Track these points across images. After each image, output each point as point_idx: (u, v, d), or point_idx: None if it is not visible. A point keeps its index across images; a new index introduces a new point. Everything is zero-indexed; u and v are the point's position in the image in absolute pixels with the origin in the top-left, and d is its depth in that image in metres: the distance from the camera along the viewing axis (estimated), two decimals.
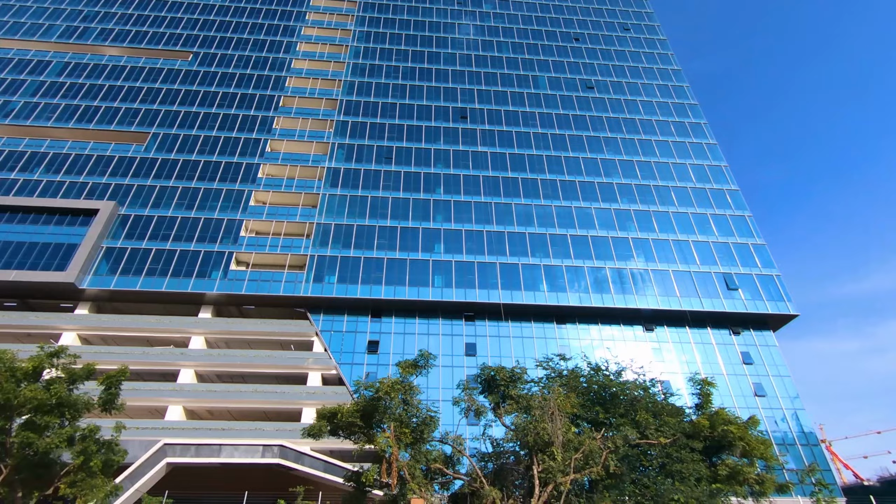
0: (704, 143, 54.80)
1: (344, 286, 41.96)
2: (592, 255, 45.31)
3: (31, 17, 59.79)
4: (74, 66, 55.40)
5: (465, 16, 67.43)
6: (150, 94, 53.71)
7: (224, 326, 40.91)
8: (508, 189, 49.49)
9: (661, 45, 65.61)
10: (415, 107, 55.88)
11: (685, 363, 41.23)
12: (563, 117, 56.08)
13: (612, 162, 52.38)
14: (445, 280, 42.91)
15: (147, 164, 47.92)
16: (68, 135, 49.98)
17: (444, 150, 52.10)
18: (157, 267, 41.45)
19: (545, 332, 42.54)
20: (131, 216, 44.31)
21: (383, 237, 45.30)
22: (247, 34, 61.42)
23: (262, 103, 54.52)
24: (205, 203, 45.89)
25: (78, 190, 45.27)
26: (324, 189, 48.09)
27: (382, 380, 18.95)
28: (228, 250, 43.14)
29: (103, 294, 40.94)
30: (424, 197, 48.21)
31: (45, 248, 41.12)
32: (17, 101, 51.41)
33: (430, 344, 40.57)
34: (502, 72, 60.39)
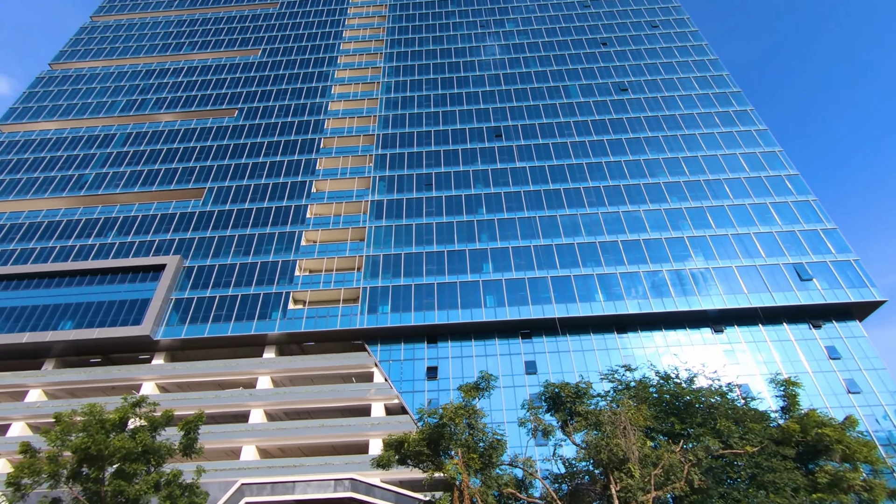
0: (753, 130, 52.25)
1: (398, 314, 42.45)
2: (647, 259, 43.71)
3: (96, 96, 65.97)
4: (136, 135, 60.34)
5: (489, 37, 68.42)
6: (203, 151, 57.51)
7: (287, 365, 42.19)
8: (552, 201, 48.92)
9: (693, 36, 63.80)
10: (449, 132, 56.77)
11: (763, 364, 38.51)
12: (599, 123, 55.24)
13: (657, 161, 50.82)
14: (497, 299, 42.55)
15: (205, 217, 50.98)
16: (135, 198, 54.16)
17: (483, 171, 52.37)
18: (222, 313, 43.59)
19: (606, 343, 41.10)
20: (195, 267, 47.04)
21: (431, 262, 45.69)
22: (284, 85, 64.94)
23: (304, 147, 57.09)
24: (260, 248, 48.12)
25: (146, 248, 48.66)
26: (369, 222, 49.31)
27: (445, 405, 18.83)
28: (285, 290, 44.81)
29: (176, 343, 43.37)
30: (468, 218, 48.42)
31: (122, 304, 44.24)
32: (89, 173, 56.41)
33: (488, 365, 40.09)
34: (532, 86, 60.48)
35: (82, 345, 43.07)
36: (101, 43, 75.14)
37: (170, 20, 78.65)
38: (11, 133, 62.55)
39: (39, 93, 67.54)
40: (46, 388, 42.61)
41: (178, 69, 69.10)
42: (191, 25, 76.96)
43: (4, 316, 44.11)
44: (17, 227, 51.67)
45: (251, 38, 73.02)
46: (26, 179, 56.27)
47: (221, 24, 76.47)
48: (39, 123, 63.30)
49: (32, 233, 50.95)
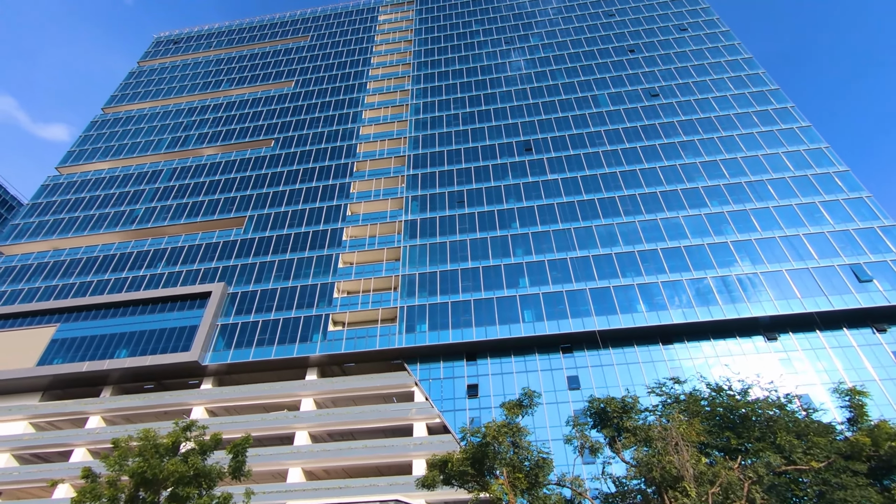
0: (796, 127, 50.16)
1: (436, 333, 42.43)
2: (689, 266, 42.24)
3: (144, 136, 70.10)
4: (181, 170, 63.54)
5: (514, 52, 68.88)
6: (243, 182, 59.90)
7: (329, 386, 42.72)
8: (586, 212, 48.20)
9: (725, 36, 62.27)
10: (479, 148, 57.09)
11: (824, 372, 36.23)
12: (630, 130, 54.36)
13: (693, 166, 49.42)
14: (535, 314, 41.95)
15: (247, 245, 52.82)
16: (182, 229, 56.77)
17: (514, 185, 52.27)
18: (265, 336, 44.74)
19: (651, 356, 39.69)
20: (238, 293, 48.62)
21: (467, 279, 45.62)
22: (317, 113, 67.17)
23: (338, 172, 58.61)
24: (299, 272, 49.35)
25: (193, 276, 50.72)
26: (404, 241, 49.85)
27: (488, 424, 18.55)
28: (325, 313, 45.64)
29: (222, 368, 44.72)
30: (501, 234, 48.25)
31: (172, 332, 46.09)
32: (139, 208, 59.64)
33: (529, 381, 39.40)
34: (560, 98, 60.29)
35: (137, 372, 45.02)
36: (147, 86, 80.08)
37: (209, 60, 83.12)
38: (69, 175, 67.06)
39: (94, 136, 72.31)
40: (105, 414, 44.64)
41: (218, 105, 72.68)
42: (228, 63, 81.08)
43: (66, 346, 46.72)
44: (76, 262, 54.96)
45: (284, 70, 76.16)
46: (84, 217, 60.00)
47: (257, 59, 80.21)
48: (94, 164, 67.65)
49: (90, 267, 54.05)
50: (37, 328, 48.85)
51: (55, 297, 51.43)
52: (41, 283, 53.16)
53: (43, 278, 53.76)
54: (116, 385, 46.93)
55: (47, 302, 50.68)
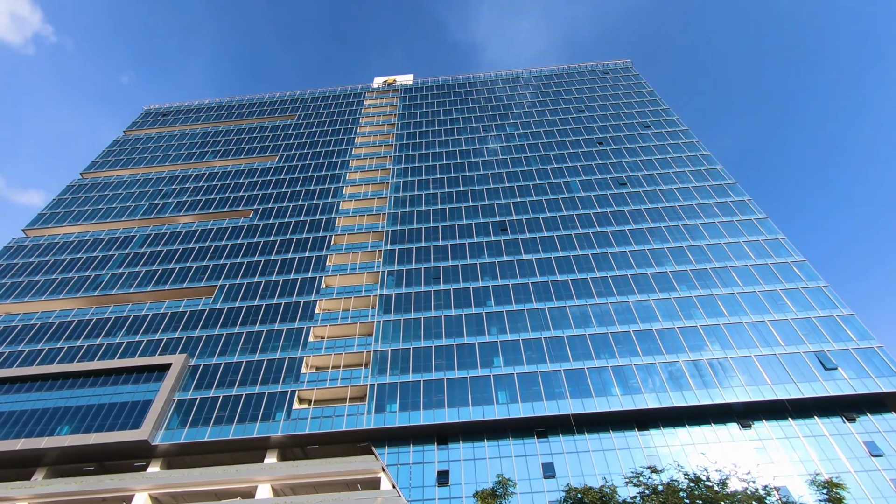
0: (754, 219, 53.44)
1: (406, 413, 40.68)
2: (662, 349, 42.57)
3: (121, 202, 69.66)
4: (154, 236, 62.68)
5: (491, 139, 73.06)
6: (217, 251, 59.24)
7: (288, 471, 39.72)
8: (560, 292, 48.92)
9: (684, 134, 67.75)
10: (456, 227, 58.52)
11: (799, 462, 35.73)
12: (601, 215, 56.91)
13: (661, 251, 51.49)
14: (510, 395, 40.93)
15: (215, 315, 51.14)
16: (147, 297, 54.86)
17: (490, 263, 53.13)
18: (225, 414, 42.03)
19: (627, 442, 38.65)
20: (200, 366, 46.25)
21: (440, 357, 44.72)
22: (299, 186, 68.50)
23: (315, 245, 58.74)
24: (267, 345, 47.62)
25: (154, 347, 48.30)
26: (378, 316, 49.15)
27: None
28: (291, 389, 43.54)
29: (174, 448, 41.33)
30: (476, 311, 48.20)
31: (123, 407, 42.93)
32: (105, 273, 57.80)
33: (503, 468, 37.53)
34: (534, 182, 63.34)
35: (78, 451, 41.14)
36: (131, 154, 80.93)
37: (196, 132, 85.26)
38: (36, 237, 65.27)
39: (68, 199, 71.48)
40: (34, 500, 39.96)
41: (200, 175, 73.51)
42: (215, 136, 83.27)
43: (2, 421, 42.77)
44: (27, 328, 51.96)
45: (270, 145, 78.48)
46: (44, 281, 57.62)
47: (243, 134, 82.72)
48: (64, 227, 66.24)
49: (42, 334, 51.07)
50: None
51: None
52: None
53: None
54: (52, 466, 42.61)
55: None
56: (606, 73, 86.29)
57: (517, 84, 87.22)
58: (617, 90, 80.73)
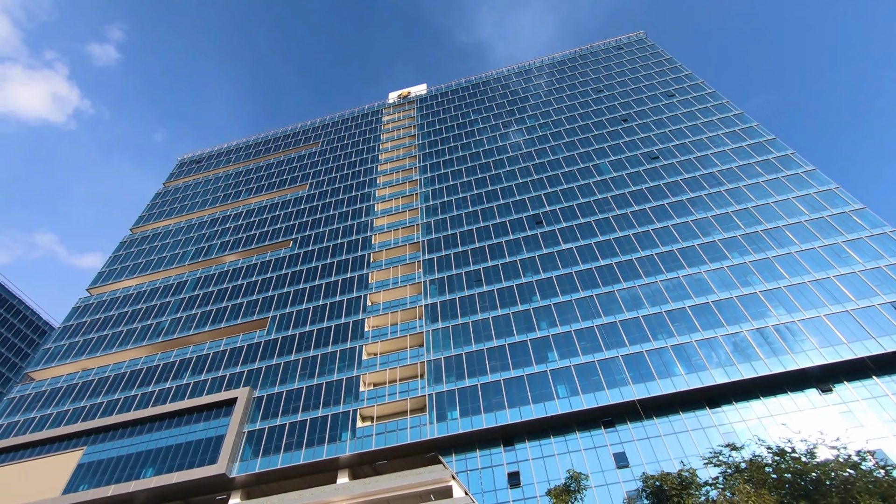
0: (801, 172, 50.61)
1: (468, 419, 40.63)
2: (722, 322, 40.81)
3: (169, 250, 73.20)
4: (204, 278, 65.46)
5: (513, 134, 72.50)
6: (264, 284, 61.25)
7: (362, 489, 40.34)
8: (606, 277, 47.81)
9: (712, 97, 65.10)
10: (490, 227, 58.27)
11: (892, 422, 33.32)
12: (636, 193, 55.34)
13: (706, 220, 49.54)
14: (570, 388, 40.20)
15: (271, 346, 52.80)
16: (206, 337, 57.28)
17: (530, 258, 52.55)
18: (293, 440, 43.21)
19: (700, 421, 37.18)
20: (264, 396, 47.80)
21: (494, 358, 44.48)
22: (332, 210, 70.03)
23: (356, 265, 59.80)
24: (324, 368, 48.71)
25: (218, 384, 50.29)
26: (426, 326, 49.44)
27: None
28: (352, 408, 44.32)
29: (251, 479, 42.80)
30: (523, 308, 47.72)
31: (198, 444, 44.85)
32: (165, 320, 60.77)
33: (573, 463, 36.84)
34: (563, 170, 62.32)
35: (163, 491, 43.24)
36: (172, 203, 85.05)
37: (229, 174, 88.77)
38: (99, 294, 69.40)
39: (122, 255, 75.72)
40: None
41: (238, 213, 76.40)
42: (246, 175, 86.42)
43: (93, 470, 45.51)
44: (104, 381, 55.18)
45: (299, 175, 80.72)
46: (112, 335, 61.14)
47: (272, 168, 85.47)
48: (122, 282, 70.16)
49: (118, 384, 54.11)
50: (64, 453, 48.02)
51: (83, 418, 51.06)
52: (69, 406, 53.06)
53: (71, 401, 53.76)
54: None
55: (75, 425, 50.22)
56: (620, 48, 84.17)
57: (530, 75, 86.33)
58: (634, 64, 78.54)
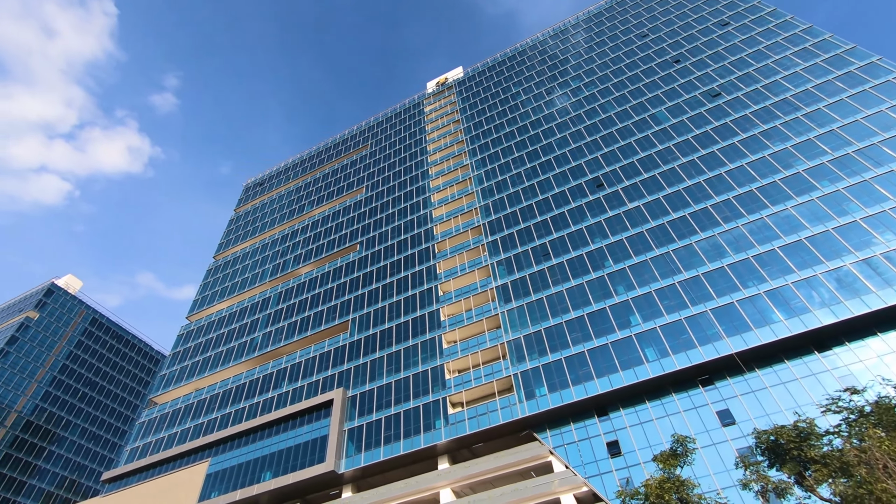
0: (893, 79, 44.89)
1: (557, 394, 40.34)
2: (820, 258, 37.40)
3: (250, 270, 78.18)
4: (285, 292, 69.35)
5: (558, 99, 70.01)
6: (340, 289, 63.90)
7: (463, 473, 41.37)
8: (680, 230, 45.30)
9: (773, 16, 59.08)
10: (549, 198, 56.93)
11: None
12: (702, 136, 51.69)
13: (785, 151, 45.38)
14: (659, 350, 38.70)
15: (355, 346, 55.14)
16: (296, 346, 60.83)
17: (596, 223, 50.85)
18: (391, 433, 45.05)
19: (809, 368, 34.51)
20: (357, 395, 50.10)
21: (574, 330, 43.71)
22: (391, 208, 71.47)
23: (422, 258, 60.80)
24: (408, 361, 50.19)
25: (314, 388, 53.33)
26: (500, 308, 49.43)
27: (647, 482, 16.68)
28: (441, 397, 45.40)
29: (358, 473, 45.22)
30: (597, 275, 46.38)
31: (306, 446, 47.93)
32: (257, 336, 65.15)
33: (674, 426, 35.59)
34: (617, 127, 59.45)
35: (282, 492, 46.76)
36: (245, 227, 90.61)
37: (290, 190, 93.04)
38: (197, 321, 75.58)
39: (210, 282, 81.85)
40: None
41: (305, 227, 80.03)
42: (306, 188, 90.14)
43: (220, 478, 50.07)
44: (215, 397, 60.27)
45: (354, 180, 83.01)
46: (214, 355, 66.50)
47: (329, 178, 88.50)
48: (215, 306, 75.92)
49: (227, 399, 58.91)
50: (193, 466, 53.17)
51: (203, 433, 56.15)
52: (190, 424, 58.51)
53: (191, 419, 59.25)
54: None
55: (198, 440, 55.37)
56: None
57: (567, 35, 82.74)
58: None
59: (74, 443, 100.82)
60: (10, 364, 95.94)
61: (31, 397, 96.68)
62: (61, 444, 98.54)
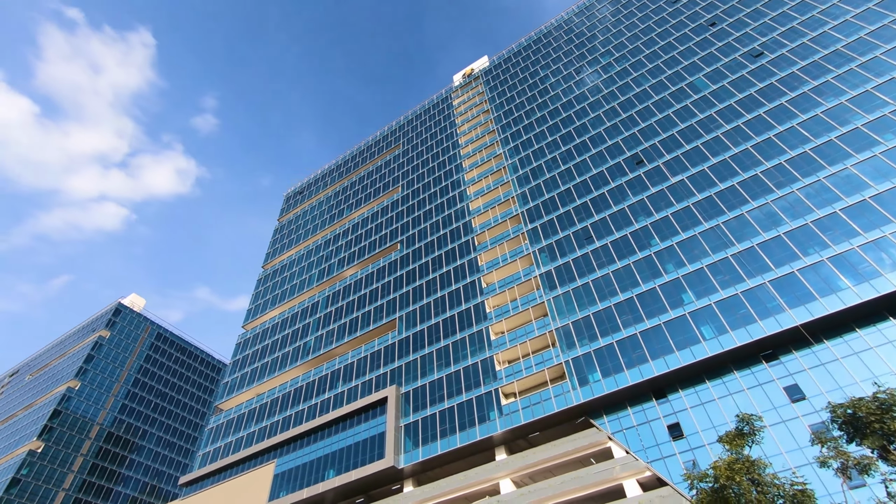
0: None
1: (610, 379, 39.57)
2: (888, 217, 34.76)
3: (298, 277, 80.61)
4: (332, 295, 71.12)
5: (588, 78, 68.17)
6: (385, 289, 64.95)
7: (522, 462, 41.33)
8: (729, 201, 43.28)
9: None
10: (587, 180, 55.68)
11: None
12: (746, 100, 49.09)
13: (840, 107, 42.40)
14: (715, 327, 37.23)
15: (404, 343, 55.96)
16: (347, 347, 62.36)
17: (639, 202, 49.34)
18: (446, 427, 45.53)
19: (885, 335, 32.29)
20: (410, 391, 50.89)
21: (623, 313, 42.69)
22: (428, 205, 71.85)
23: (462, 252, 60.89)
24: (458, 355, 50.48)
25: (368, 387, 54.56)
26: (546, 295, 48.88)
27: (715, 464, 16.11)
28: (493, 388, 45.46)
29: (417, 467, 46.00)
30: (643, 255, 45.06)
31: (364, 443, 49.17)
32: (310, 339, 67.20)
33: (738, 404, 34.20)
34: (652, 100, 57.32)
35: (346, 488, 48.21)
36: (289, 235, 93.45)
37: (328, 196, 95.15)
38: (252, 329, 78.73)
39: (261, 291, 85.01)
40: None
41: (346, 230, 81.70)
42: (344, 192, 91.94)
43: (286, 478, 52.15)
44: (275, 401, 62.71)
45: (389, 180, 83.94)
46: (270, 361, 69.13)
47: (365, 180, 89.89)
48: (268, 314, 78.82)
49: (287, 402, 61.18)
50: (261, 467, 55.62)
51: (268, 436, 58.60)
52: (254, 427, 61.18)
53: (255, 422, 61.93)
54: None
55: (263, 442, 57.85)
56: None
57: (593, 11, 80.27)
58: None
59: (152, 450, 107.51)
60: (89, 380, 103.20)
61: (109, 410, 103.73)
62: (140, 452, 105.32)
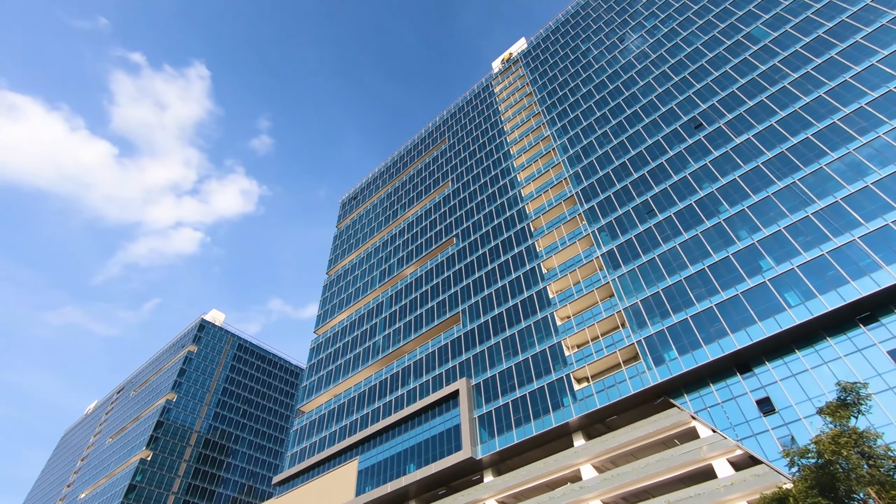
0: None
1: (688, 355, 37.77)
2: None
3: (360, 280, 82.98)
4: (395, 295, 72.69)
5: (633, 45, 65.02)
6: (445, 283, 65.51)
7: (602, 447, 40.46)
8: (804, 156, 39.89)
9: None
10: (643, 151, 53.26)
11: None
12: (814, 43, 44.89)
13: None
14: (801, 292, 34.53)
15: (470, 336, 56.25)
16: (415, 344, 63.56)
17: (702, 167, 46.60)
18: (520, 416, 45.38)
19: None
20: (480, 382, 51.13)
21: (695, 286, 40.55)
22: (480, 196, 71.60)
23: (519, 239, 60.21)
24: (525, 343, 50.06)
25: (438, 381, 55.37)
26: (610, 275, 47.38)
27: (818, 438, 14.98)
28: (564, 373, 44.75)
29: (495, 457, 46.21)
30: (712, 223, 42.55)
31: (441, 436, 49.99)
32: (378, 339, 69.10)
33: (835, 373, 31.61)
34: (706, 58, 53.77)
35: (428, 481, 49.30)
36: (348, 240, 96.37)
37: (381, 198, 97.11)
38: (324, 333, 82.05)
39: (328, 296, 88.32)
40: None
41: (401, 230, 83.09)
42: (396, 193, 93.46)
43: (370, 473, 54.11)
44: (352, 401, 65.12)
45: (439, 176, 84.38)
46: (344, 363, 71.78)
47: (415, 178, 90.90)
48: (336, 318, 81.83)
49: (362, 401, 63.37)
50: (345, 465, 58.04)
51: (348, 434, 61.01)
52: (335, 427, 63.87)
53: (335, 422, 64.65)
54: (416, 498, 51.89)
55: (345, 440, 60.30)
56: None
57: None
58: None
59: (245, 453, 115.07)
60: (184, 392, 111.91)
61: (204, 418, 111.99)
62: (235, 455, 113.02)
